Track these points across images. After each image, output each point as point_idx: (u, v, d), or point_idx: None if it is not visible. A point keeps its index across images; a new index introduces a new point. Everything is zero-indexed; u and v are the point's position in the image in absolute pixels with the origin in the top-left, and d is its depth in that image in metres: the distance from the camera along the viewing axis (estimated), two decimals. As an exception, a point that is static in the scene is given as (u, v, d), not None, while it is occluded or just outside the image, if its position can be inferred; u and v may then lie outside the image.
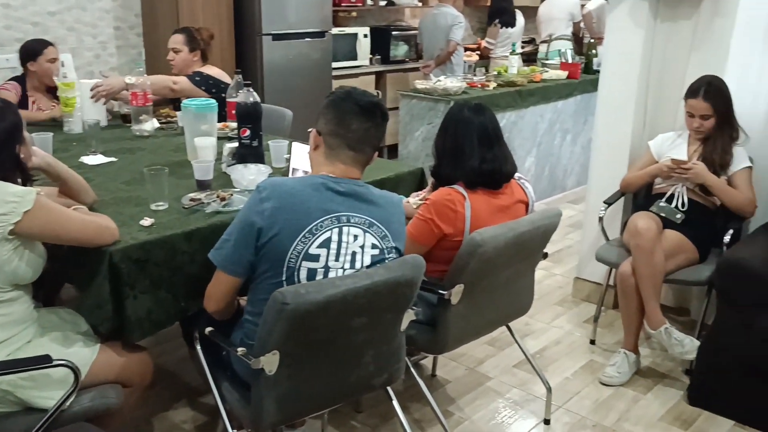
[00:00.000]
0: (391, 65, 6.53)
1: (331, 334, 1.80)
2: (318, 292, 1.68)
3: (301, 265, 1.79)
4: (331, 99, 1.90)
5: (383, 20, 6.97)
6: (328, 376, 1.87)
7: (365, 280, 1.76)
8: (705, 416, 2.69)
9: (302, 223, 1.78)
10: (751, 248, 2.74)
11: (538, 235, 2.36)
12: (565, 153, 5.53)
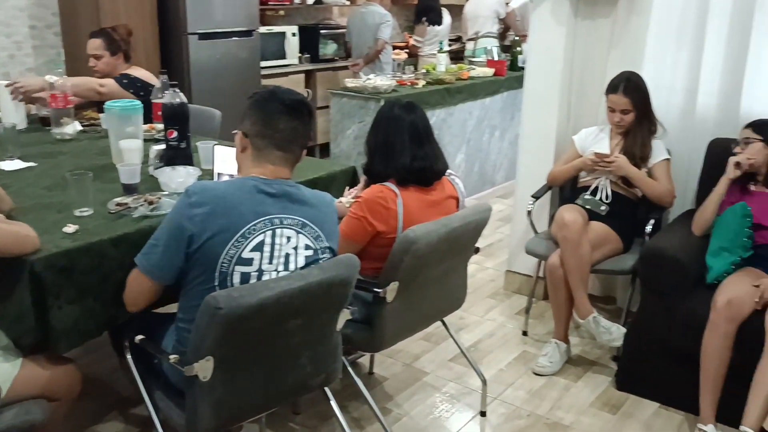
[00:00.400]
0: (320, 64, 6.51)
1: (267, 337, 1.78)
2: (251, 295, 1.66)
3: (234, 270, 1.76)
4: (255, 99, 1.88)
5: (311, 19, 6.94)
6: (265, 380, 1.86)
7: (299, 281, 1.75)
8: (632, 400, 2.80)
9: (234, 228, 1.75)
10: (671, 237, 2.87)
11: (470, 230, 2.40)
12: (494, 149, 5.64)
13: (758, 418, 2.30)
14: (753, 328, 2.42)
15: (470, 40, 6.76)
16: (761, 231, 2.68)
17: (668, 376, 2.72)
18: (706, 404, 2.50)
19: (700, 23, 3.12)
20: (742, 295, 2.49)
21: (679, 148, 3.21)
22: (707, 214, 2.81)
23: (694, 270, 2.71)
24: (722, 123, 3.13)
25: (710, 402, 2.49)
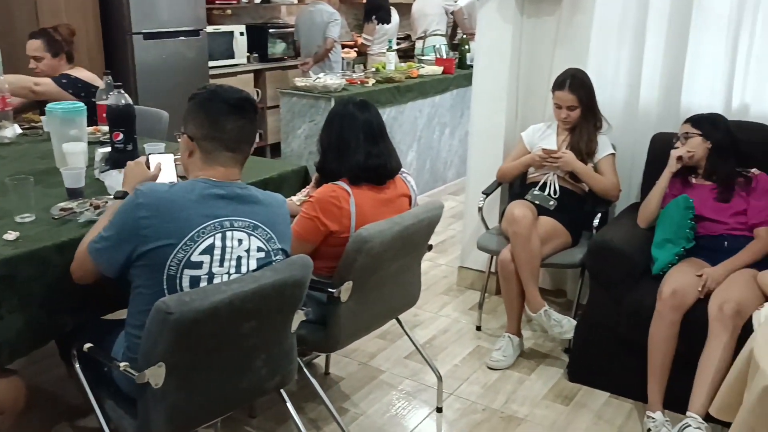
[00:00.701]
0: (269, 63, 6.46)
1: (220, 341, 1.76)
2: (203, 299, 1.64)
3: (183, 274, 1.73)
4: (198, 101, 1.84)
5: (259, 18, 6.87)
6: (219, 384, 1.83)
7: (252, 283, 1.74)
8: (584, 390, 2.86)
9: (183, 231, 1.72)
10: (618, 230, 2.94)
11: (423, 227, 2.42)
12: (445, 146, 5.68)
13: (704, 403, 2.38)
14: (697, 316, 2.50)
15: (419, 39, 6.80)
16: (702, 222, 2.77)
17: (618, 366, 2.78)
18: (654, 392, 2.57)
19: (640, 21, 3.20)
20: (686, 285, 2.57)
21: (623, 142, 3.29)
22: (651, 207, 2.89)
23: (640, 261, 2.79)
24: (664, 117, 3.22)
25: (658, 389, 2.56)
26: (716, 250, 2.73)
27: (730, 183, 2.78)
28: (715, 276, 2.58)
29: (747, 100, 3.08)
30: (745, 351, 1.78)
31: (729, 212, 2.75)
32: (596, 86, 3.16)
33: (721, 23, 3.03)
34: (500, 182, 3.43)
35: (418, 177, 5.35)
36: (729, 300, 2.44)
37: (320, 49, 5.91)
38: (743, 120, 3.00)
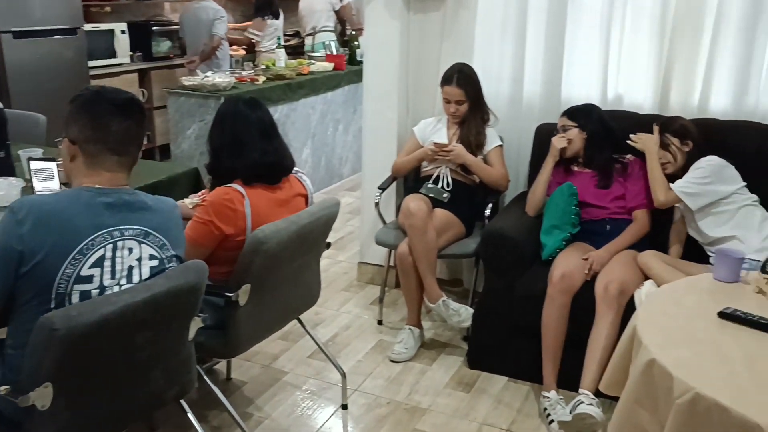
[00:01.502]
0: (154, 62, 6.23)
1: (113, 355, 1.69)
2: (91, 312, 1.56)
3: (73, 290, 1.64)
4: (80, 102, 1.75)
5: (141, 15, 6.61)
6: (115, 398, 1.76)
7: (144, 292, 1.68)
8: (483, 376, 2.95)
9: (71, 244, 1.63)
10: (508, 219, 3.04)
11: (320, 225, 2.41)
12: (339, 142, 5.69)
13: (594, 380, 2.51)
14: (585, 298, 2.63)
15: (308, 36, 6.76)
16: (586, 208, 2.92)
17: (514, 350, 2.89)
18: (548, 372, 2.68)
19: (521, 16, 3.32)
20: (573, 268, 2.69)
21: (509, 134, 3.41)
22: (537, 195, 3.01)
23: (530, 248, 2.90)
24: (546, 109, 3.36)
25: (552, 370, 2.68)
26: (600, 233, 2.88)
27: (608, 170, 2.94)
28: (600, 258, 2.72)
29: (620, 91, 3.26)
30: (629, 329, 1.89)
31: (609, 197, 2.91)
32: (482, 80, 3.26)
33: (593, 18, 3.20)
34: (395, 177, 3.47)
35: (313, 174, 5.33)
36: (613, 280, 2.59)
37: (207, 47, 5.76)
38: (618, 109, 3.18)
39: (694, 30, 3.04)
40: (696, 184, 2.66)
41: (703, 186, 2.65)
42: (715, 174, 2.66)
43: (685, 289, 2.07)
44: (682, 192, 2.67)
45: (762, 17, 2.91)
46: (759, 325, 1.77)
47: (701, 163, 2.70)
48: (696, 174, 2.68)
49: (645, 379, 1.67)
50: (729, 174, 2.68)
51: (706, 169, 2.67)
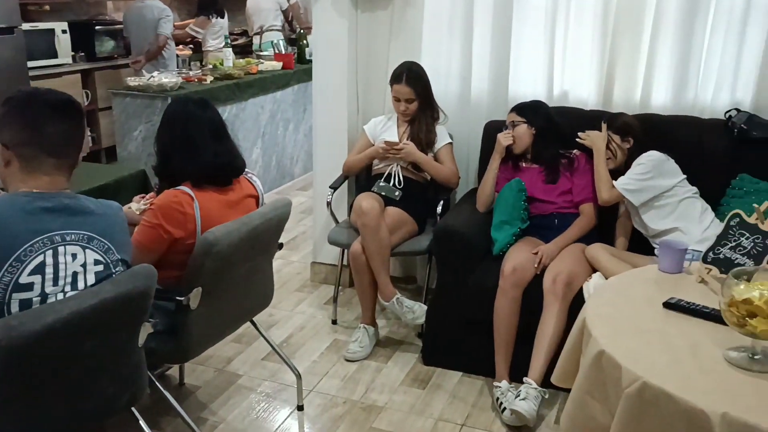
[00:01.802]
0: (98, 62, 6.10)
1: (59, 365, 1.64)
2: (35, 321, 1.52)
3: (12, 298, 1.59)
4: (12, 105, 1.70)
5: (83, 14, 6.45)
6: (62, 410, 1.71)
7: (91, 299, 1.63)
8: (438, 372, 2.97)
9: (6, 251, 1.58)
10: (459, 215, 3.07)
11: (272, 226, 2.39)
12: (290, 142, 5.65)
13: (540, 370, 2.57)
14: (535, 291, 2.68)
15: (256, 35, 6.70)
16: (534, 203, 2.97)
17: (468, 345, 2.91)
18: (500, 364, 2.72)
19: (467, 14, 3.35)
20: (524, 262, 2.74)
21: (459, 132, 3.44)
22: (486, 191, 3.05)
23: (482, 244, 2.93)
24: (494, 106, 3.40)
25: (503, 361, 2.72)
26: (548, 227, 2.93)
27: (555, 165, 2.99)
28: (549, 252, 2.77)
29: (566, 87, 3.32)
30: (579, 321, 1.93)
31: (557, 192, 2.96)
32: (431, 78, 3.28)
33: (538, 16, 3.25)
34: (346, 176, 3.47)
35: (264, 174, 5.28)
36: (561, 273, 2.64)
37: (153, 47, 5.66)
38: (564, 105, 3.24)
39: (634, 28, 3.12)
40: (637, 180, 2.73)
41: (645, 182, 2.72)
42: (656, 169, 2.74)
43: (631, 281, 2.12)
44: (624, 189, 2.74)
45: (698, 16, 3.01)
46: (702, 314, 1.82)
47: (642, 159, 2.77)
48: (637, 170, 2.75)
49: (595, 370, 1.70)
50: (669, 168, 2.76)
51: (646, 164, 2.74)
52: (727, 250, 2.00)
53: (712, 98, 3.09)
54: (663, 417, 1.51)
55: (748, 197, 2.75)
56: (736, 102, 3.06)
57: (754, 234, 1.95)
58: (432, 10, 3.40)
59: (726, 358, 1.62)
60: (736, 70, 3.04)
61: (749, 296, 1.54)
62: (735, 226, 2.00)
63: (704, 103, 3.11)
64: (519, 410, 2.49)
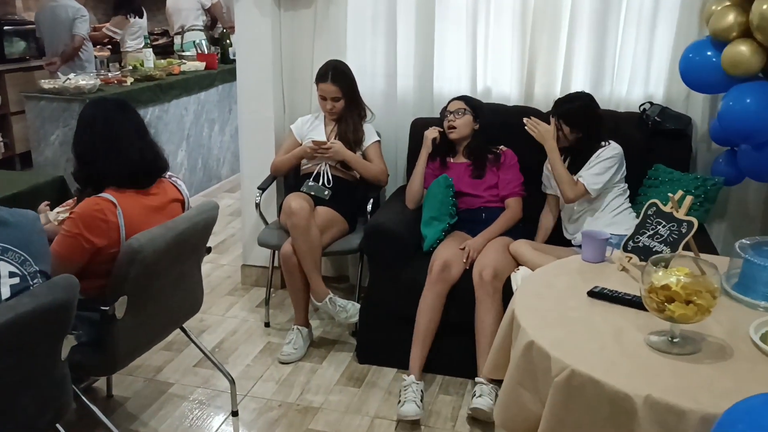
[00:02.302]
0: (8, 64, 5.83)
1: (-26, 384, 1.56)
2: (-54, 341, 1.44)
3: None
4: None
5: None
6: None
7: (7, 314, 1.56)
8: (373, 370, 2.98)
9: None
10: (389, 213, 3.09)
11: (199, 230, 2.35)
12: (216, 143, 5.56)
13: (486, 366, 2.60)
14: (464, 286, 2.72)
15: (177, 35, 6.53)
16: (462, 198, 3.01)
17: (401, 342, 2.92)
18: (416, 357, 2.74)
19: (390, 12, 3.37)
20: (453, 257, 2.78)
21: (386, 129, 3.46)
22: (415, 188, 3.07)
23: (412, 240, 2.96)
24: (420, 103, 3.44)
25: (419, 355, 2.73)
26: (476, 221, 2.98)
27: (482, 160, 3.04)
28: (475, 246, 2.82)
29: (489, 84, 3.39)
30: (508, 314, 1.97)
31: (483, 186, 3.01)
32: (357, 76, 3.28)
33: (460, 14, 3.30)
34: (275, 176, 3.43)
35: (190, 176, 5.17)
36: (487, 266, 2.69)
37: (68, 48, 5.44)
38: (487, 102, 3.29)
39: (552, 26, 3.21)
40: (602, 175, 2.80)
41: (607, 175, 2.81)
42: (619, 162, 2.83)
43: (556, 272, 2.18)
44: (593, 189, 2.80)
45: (611, 14, 3.13)
46: (624, 301, 1.89)
47: (607, 153, 2.82)
48: (605, 165, 2.81)
49: (525, 360, 1.74)
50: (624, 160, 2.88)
51: (613, 158, 2.81)
52: (645, 239, 2.08)
53: (627, 92, 3.22)
54: (590, 402, 1.56)
55: (664, 187, 2.88)
56: (650, 95, 3.20)
57: (670, 222, 2.03)
58: (355, 9, 3.40)
59: (647, 342, 1.68)
60: (648, 65, 3.17)
61: (667, 282, 1.60)
62: (652, 215, 2.09)
63: (620, 97, 3.23)
64: (478, 407, 2.52)
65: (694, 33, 3.01)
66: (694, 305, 1.59)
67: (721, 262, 2.02)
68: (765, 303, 1.83)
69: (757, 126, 2.49)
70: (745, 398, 1.24)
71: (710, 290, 1.60)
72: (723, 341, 1.69)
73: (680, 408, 1.43)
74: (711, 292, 1.60)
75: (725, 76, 2.56)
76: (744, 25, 2.49)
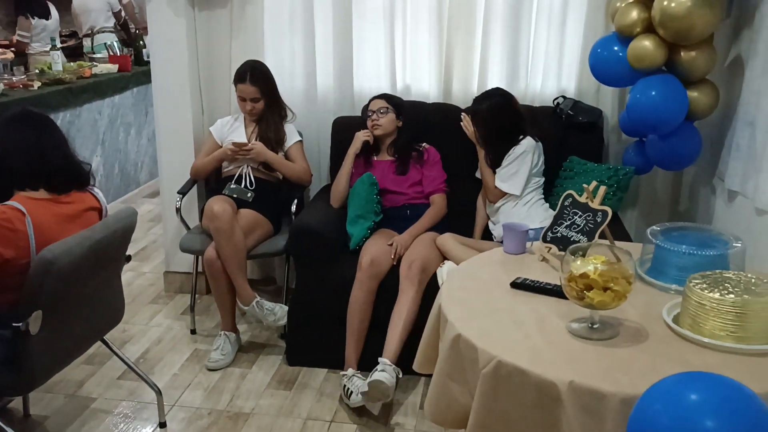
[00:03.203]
0: None
1: None
2: None
3: None
4: None
5: None
6: None
7: None
8: (304, 371, 2.96)
9: None
10: (314, 213, 3.08)
11: (117, 238, 2.28)
12: (132, 147, 5.39)
13: (394, 351, 2.63)
14: (392, 282, 2.74)
15: (86, 36, 6.29)
16: (387, 195, 3.04)
17: (331, 341, 2.92)
18: (351, 353, 2.76)
19: (308, 11, 3.34)
20: (381, 254, 2.79)
21: (308, 129, 3.44)
22: (340, 187, 3.07)
23: (338, 239, 2.96)
24: (341, 102, 3.44)
25: (354, 351, 2.76)
26: (401, 218, 3.01)
27: (406, 157, 3.07)
28: (403, 242, 2.85)
29: (408, 81, 3.42)
30: (435, 308, 2.00)
31: (407, 183, 3.05)
32: (276, 76, 3.25)
33: (377, 12, 3.32)
34: (195, 180, 3.36)
35: (107, 183, 5.01)
36: (415, 259, 2.73)
37: (-33, 51, 5.16)
38: (407, 99, 3.32)
39: (467, 24, 3.27)
40: (519, 174, 2.88)
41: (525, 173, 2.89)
42: (533, 156, 2.91)
43: (480, 265, 2.23)
44: (514, 189, 2.89)
45: (523, 11, 3.21)
46: (545, 291, 1.95)
47: (518, 149, 2.89)
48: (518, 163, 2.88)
49: (453, 353, 1.77)
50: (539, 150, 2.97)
51: (525, 154, 2.88)
52: (563, 229, 2.15)
53: (541, 87, 3.31)
54: (517, 391, 1.59)
55: (579, 178, 2.98)
56: (563, 89, 3.30)
57: (585, 212, 2.10)
58: (272, 8, 3.37)
59: (569, 329, 1.74)
60: (560, 61, 3.27)
61: (585, 270, 1.66)
62: (569, 205, 2.16)
63: (534, 91, 3.32)
64: (379, 378, 2.50)
65: (601, 29, 3.13)
66: (611, 291, 1.65)
67: (635, 248, 2.10)
68: (676, 286, 1.91)
69: (662, 117, 2.60)
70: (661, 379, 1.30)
71: (625, 276, 1.67)
72: (639, 324, 1.77)
73: (601, 391, 1.48)
74: (626, 278, 1.67)
75: (631, 70, 2.67)
76: (647, 20, 2.60)
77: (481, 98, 2.99)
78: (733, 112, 2.65)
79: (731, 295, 1.64)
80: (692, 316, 1.69)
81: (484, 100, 2.97)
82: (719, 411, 1.18)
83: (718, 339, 1.63)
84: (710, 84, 2.68)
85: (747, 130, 2.51)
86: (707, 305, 1.65)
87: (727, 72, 2.78)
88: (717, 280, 1.71)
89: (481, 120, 2.95)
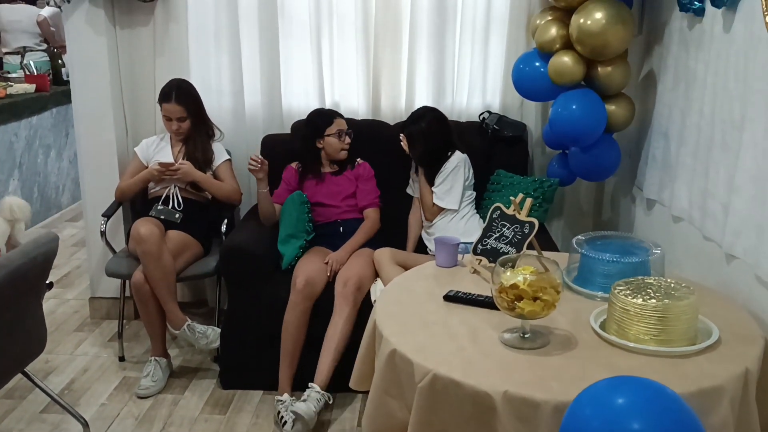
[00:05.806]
0: None
1: None
2: None
3: None
4: None
5: None
6: None
7: None
8: (239, 394, 2.90)
9: None
10: (245, 232, 3.03)
11: (37, 265, 2.18)
12: (53, 170, 5.20)
13: (326, 374, 2.63)
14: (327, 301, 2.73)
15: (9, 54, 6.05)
16: (318, 209, 3.02)
17: (265, 363, 2.87)
18: (284, 376, 2.73)
19: (233, 28, 3.32)
20: (314, 273, 2.78)
21: (236, 147, 3.40)
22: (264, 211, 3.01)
23: (270, 259, 2.92)
24: (270, 120, 3.42)
25: (288, 374, 2.73)
26: (334, 236, 3.00)
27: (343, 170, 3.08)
28: (339, 258, 2.84)
29: (337, 98, 3.43)
30: (370, 323, 2.00)
31: (340, 197, 3.05)
32: (202, 94, 3.20)
33: (303, 30, 3.32)
34: (120, 202, 3.26)
35: (25, 208, 4.79)
36: (351, 277, 2.73)
37: None
38: (337, 116, 3.33)
39: (393, 41, 3.32)
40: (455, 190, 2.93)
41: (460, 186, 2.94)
42: (464, 169, 2.96)
43: (413, 279, 2.24)
44: (452, 207, 2.94)
45: (447, 29, 3.28)
46: (477, 302, 1.98)
47: (449, 165, 2.94)
48: (451, 178, 2.93)
49: (389, 368, 1.77)
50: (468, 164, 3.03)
51: (458, 167, 2.93)
52: (492, 241, 2.19)
53: (467, 102, 3.38)
54: (454, 404, 1.61)
55: (506, 191, 3.05)
56: (488, 105, 3.38)
57: (513, 224, 2.15)
58: (196, 25, 3.32)
59: (501, 340, 1.77)
60: (484, 76, 3.35)
61: (515, 281, 1.69)
62: (497, 218, 2.20)
63: (461, 107, 3.39)
64: (297, 411, 2.51)
65: (522, 45, 3.22)
66: (540, 301, 1.69)
67: (562, 258, 2.16)
68: (602, 293, 1.98)
69: (583, 130, 2.70)
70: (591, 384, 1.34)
71: (554, 286, 1.71)
72: (568, 332, 1.81)
73: (535, 400, 1.52)
74: (554, 287, 1.71)
75: (552, 85, 2.76)
76: (565, 37, 2.70)
77: (415, 118, 3.02)
78: (648, 124, 2.78)
79: (653, 300, 1.70)
80: (618, 321, 1.75)
81: (418, 120, 2.99)
82: (644, 413, 1.23)
83: (643, 343, 1.70)
84: (626, 98, 2.80)
85: (661, 141, 2.63)
86: (631, 311, 1.71)
87: (641, 86, 2.91)
88: (639, 286, 1.78)
89: (418, 139, 2.97)
